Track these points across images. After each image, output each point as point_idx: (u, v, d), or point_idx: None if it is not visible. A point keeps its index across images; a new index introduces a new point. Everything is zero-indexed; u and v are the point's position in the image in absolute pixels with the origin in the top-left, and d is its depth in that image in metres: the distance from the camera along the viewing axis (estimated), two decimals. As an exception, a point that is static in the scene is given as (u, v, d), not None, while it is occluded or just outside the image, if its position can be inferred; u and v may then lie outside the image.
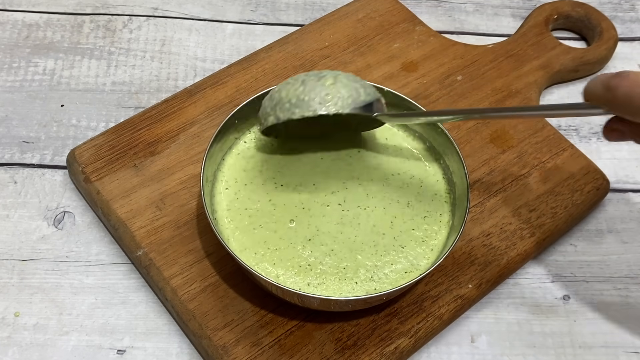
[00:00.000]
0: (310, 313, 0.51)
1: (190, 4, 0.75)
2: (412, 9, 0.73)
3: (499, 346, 0.53)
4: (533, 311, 0.55)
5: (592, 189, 0.59)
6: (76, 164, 0.58)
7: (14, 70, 0.68)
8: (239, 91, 0.63)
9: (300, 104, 0.50)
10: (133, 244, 0.54)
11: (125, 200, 0.56)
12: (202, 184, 0.50)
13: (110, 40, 0.71)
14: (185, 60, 0.70)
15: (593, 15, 0.71)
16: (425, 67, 0.66)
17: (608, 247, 0.59)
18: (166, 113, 0.62)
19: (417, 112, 0.55)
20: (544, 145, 0.61)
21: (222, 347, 0.50)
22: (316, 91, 0.50)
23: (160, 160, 0.59)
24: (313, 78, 0.51)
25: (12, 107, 0.65)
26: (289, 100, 0.51)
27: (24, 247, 0.57)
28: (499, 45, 0.69)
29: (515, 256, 0.55)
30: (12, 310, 0.53)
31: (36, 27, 0.71)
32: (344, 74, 0.53)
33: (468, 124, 0.62)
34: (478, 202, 0.58)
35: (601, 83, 0.41)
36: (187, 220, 0.55)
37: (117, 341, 0.52)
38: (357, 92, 0.51)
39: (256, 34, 0.73)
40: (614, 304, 0.56)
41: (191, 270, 0.53)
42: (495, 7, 0.77)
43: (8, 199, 0.59)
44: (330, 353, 0.50)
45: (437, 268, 0.52)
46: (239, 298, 0.52)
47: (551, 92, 0.69)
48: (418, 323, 0.52)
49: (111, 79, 0.68)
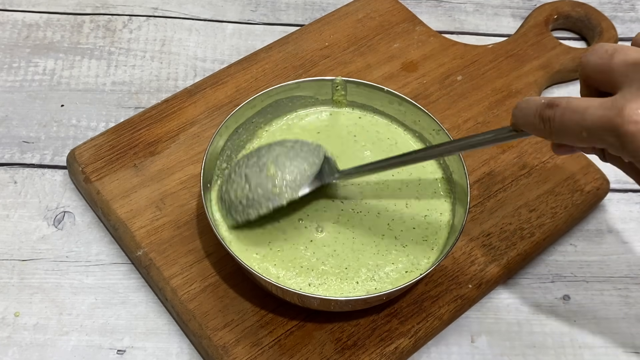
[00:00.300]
0: (310, 313, 0.51)
1: (190, 4, 0.75)
2: (412, 9, 0.73)
3: (499, 346, 0.53)
4: (533, 311, 0.55)
5: (592, 189, 0.59)
6: (76, 164, 0.58)
7: (14, 70, 0.68)
8: (239, 91, 0.63)
9: (252, 203, 0.50)
10: (133, 244, 0.54)
11: (125, 200, 0.56)
12: (202, 184, 0.50)
13: (110, 40, 0.71)
14: (185, 60, 0.70)
15: (593, 15, 0.71)
16: (425, 67, 0.66)
17: (608, 247, 0.59)
18: (166, 113, 0.62)
19: (370, 164, 0.51)
20: (544, 145, 0.61)
21: (222, 347, 0.50)
22: (262, 186, 0.49)
23: (160, 160, 0.59)
24: (254, 169, 0.50)
25: (12, 107, 0.65)
26: (240, 202, 0.50)
27: (24, 247, 0.57)
28: (499, 45, 0.69)
29: (515, 256, 0.55)
30: (12, 310, 0.53)
31: (36, 27, 0.71)
32: (282, 147, 0.51)
33: (468, 123, 0.62)
34: (478, 202, 0.58)
35: (535, 115, 0.39)
36: (187, 220, 0.55)
37: (117, 341, 0.52)
38: (301, 169, 0.50)
39: (256, 34, 0.73)
40: (614, 304, 0.56)
41: (191, 270, 0.53)
42: (495, 7, 0.77)
43: (8, 199, 0.59)
44: (330, 353, 0.50)
45: (437, 268, 0.52)
46: (239, 298, 0.52)
47: (551, 92, 0.69)
48: (418, 323, 0.52)
49: (111, 79, 0.68)
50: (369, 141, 0.57)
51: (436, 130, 0.55)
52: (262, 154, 0.51)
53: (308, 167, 0.50)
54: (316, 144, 0.52)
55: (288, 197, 0.49)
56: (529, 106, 0.40)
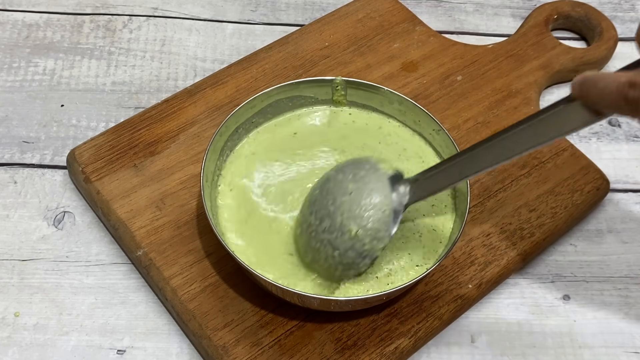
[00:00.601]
0: (310, 313, 0.51)
1: (190, 4, 0.75)
2: (412, 9, 0.73)
3: (499, 346, 0.53)
4: (533, 311, 0.55)
5: (592, 189, 0.59)
6: (76, 164, 0.58)
7: (14, 70, 0.68)
8: (239, 91, 0.63)
9: (350, 266, 0.48)
10: (133, 244, 0.54)
11: (125, 200, 0.56)
12: (202, 184, 0.50)
13: (110, 40, 0.71)
14: (185, 60, 0.70)
15: (593, 15, 0.71)
16: (425, 67, 0.66)
17: (608, 247, 0.59)
18: (166, 113, 0.62)
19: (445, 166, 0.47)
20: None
21: (222, 347, 0.50)
22: (353, 249, 0.47)
23: (160, 160, 0.59)
24: (336, 234, 0.47)
25: (12, 107, 0.65)
26: (336, 268, 0.48)
27: (24, 247, 0.57)
28: (499, 45, 0.69)
29: (515, 256, 0.55)
30: (12, 310, 0.53)
31: (36, 27, 0.71)
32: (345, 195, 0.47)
33: (468, 123, 0.62)
34: (478, 202, 0.58)
35: (618, 96, 0.37)
36: (187, 220, 0.55)
37: (117, 341, 0.52)
38: (379, 214, 0.47)
39: (256, 34, 0.73)
40: (614, 304, 0.56)
41: (191, 270, 0.53)
42: (495, 7, 0.77)
43: (8, 199, 0.59)
44: (330, 353, 0.50)
45: (437, 268, 0.52)
46: (239, 298, 0.52)
47: (551, 92, 0.69)
48: (418, 323, 0.52)
49: (111, 79, 0.68)
50: (369, 140, 0.57)
51: (436, 130, 0.55)
52: (331, 211, 0.48)
53: (384, 206, 0.47)
54: (371, 165, 0.49)
55: (382, 245, 0.47)
56: (607, 86, 0.38)
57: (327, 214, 0.48)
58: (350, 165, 0.50)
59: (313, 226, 0.49)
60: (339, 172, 0.50)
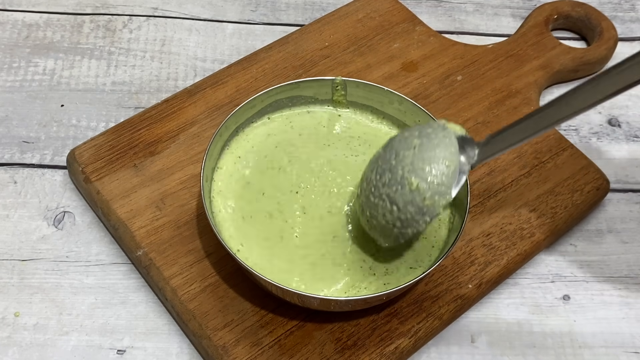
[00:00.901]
0: (310, 313, 0.51)
1: (190, 4, 0.75)
2: (412, 9, 0.73)
3: (499, 346, 0.53)
4: (533, 311, 0.55)
5: (592, 189, 0.59)
6: (76, 164, 0.58)
7: (14, 70, 0.68)
8: (239, 91, 0.63)
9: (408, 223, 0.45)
10: (133, 244, 0.54)
11: (125, 200, 0.56)
12: (202, 184, 0.50)
13: (110, 40, 0.71)
14: (185, 60, 0.70)
15: (593, 15, 0.71)
16: (425, 67, 0.66)
17: (608, 247, 0.59)
18: (166, 113, 0.62)
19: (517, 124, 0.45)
20: (544, 145, 0.61)
21: (222, 347, 0.50)
22: (412, 203, 0.45)
23: (160, 160, 0.59)
24: (395, 187, 0.45)
25: (12, 107, 0.65)
26: (394, 225, 0.46)
27: (24, 247, 0.57)
28: (499, 45, 0.69)
29: (515, 256, 0.55)
30: (12, 310, 0.53)
31: (36, 27, 0.71)
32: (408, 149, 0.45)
33: (468, 123, 0.62)
34: (478, 202, 0.58)
35: None
36: (187, 220, 0.55)
37: (117, 341, 0.52)
38: (442, 168, 0.44)
39: (256, 34, 0.73)
40: (614, 304, 0.56)
41: (191, 270, 0.53)
42: (495, 7, 0.77)
43: (8, 199, 0.59)
44: (330, 353, 0.50)
45: (437, 268, 0.52)
46: (239, 298, 0.52)
47: (551, 92, 0.69)
48: (418, 323, 0.52)
49: (111, 79, 0.68)
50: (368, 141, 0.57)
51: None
52: (393, 165, 0.46)
53: (449, 161, 0.44)
54: (439, 125, 0.47)
55: (444, 203, 0.45)
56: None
57: (388, 168, 0.46)
58: (418, 126, 0.48)
59: (373, 182, 0.47)
60: (406, 131, 0.48)
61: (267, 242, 0.51)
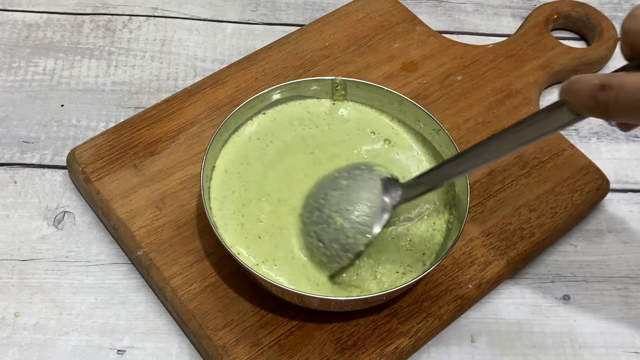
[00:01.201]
0: (310, 313, 0.51)
1: (190, 4, 0.75)
2: (412, 9, 0.73)
3: (499, 346, 0.53)
4: (533, 311, 0.55)
5: (592, 189, 0.59)
6: (76, 164, 0.58)
7: (14, 70, 0.68)
8: (239, 91, 0.63)
9: (332, 259, 0.49)
10: (133, 244, 0.54)
11: (125, 200, 0.56)
12: (202, 184, 0.50)
13: (110, 40, 0.71)
14: (185, 60, 0.70)
15: (593, 15, 0.71)
16: (425, 67, 0.66)
17: (608, 247, 0.59)
18: (166, 113, 0.62)
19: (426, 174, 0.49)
20: (544, 145, 0.61)
21: (222, 347, 0.50)
22: (336, 241, 0.48)
23: (160, 160, 0.59)
24: (322, 225, 0.49)
25: (12, 107, 0.65)
26: (320, 260, 0.49)
27: (24, 247, 0.57)
28: (499, 45, 0.69)
29: (515, 256, 0.55)
30: (12, 310, 0.53)
31: (36, 27, 0.71)
32: (337, 190, 0.49)
33: (468, 123, 0.62)
34: (478, 202, 0.58)
35: (589, 98, 0.38)
36: (187, 220, 0.55)
37: (117, 341, 0.52)
38: (365, 210, 0.48)
39: (256, 34, 0.73)
40: (614, 304, 0.56)
41: (191, 270, 0.53)
42: (495, 7, 0.77)
43: (8, 199, 0.59)
44: (330, 353, 0.50)
45: (437, 268, 0.52)
46: (239, 298, 0.52)
47: (551, 92, 0.69)
48: (418, 323, 0.52)
49: (111, 79, 0.68)
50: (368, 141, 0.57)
51: (436, 130, 0.55)
52: (321, 204, 0.50)
53: (371, 203, 0.48)
54: (367, 166, 0.51)
55: (365, 241, 0.48)
56: (581, 89, 0.38)
57: (317, 207, 0.50)
58: (349, 167, 0.52)
59: (304, 218, 0.51)
60: (337, 172, 0.52)
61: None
